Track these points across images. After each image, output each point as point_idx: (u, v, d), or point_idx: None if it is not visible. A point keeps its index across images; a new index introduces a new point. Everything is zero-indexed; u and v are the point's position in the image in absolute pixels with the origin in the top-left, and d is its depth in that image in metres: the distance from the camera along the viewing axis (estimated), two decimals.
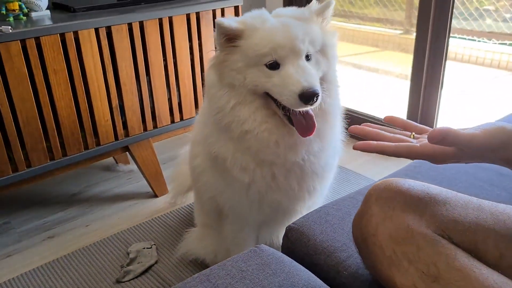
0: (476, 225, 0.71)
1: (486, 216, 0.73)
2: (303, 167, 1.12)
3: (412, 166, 1.20)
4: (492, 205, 0.76)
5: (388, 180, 0.79)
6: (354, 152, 0.75)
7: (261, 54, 0.99)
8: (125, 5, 1.84)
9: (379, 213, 0.74)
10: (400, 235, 0.71)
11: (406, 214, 0.72)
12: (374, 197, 0.76)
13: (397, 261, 0.70)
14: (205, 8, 1.88)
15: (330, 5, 1.08)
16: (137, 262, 1.60)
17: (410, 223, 0.71)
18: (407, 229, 0.70)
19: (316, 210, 1.01)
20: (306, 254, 0.93)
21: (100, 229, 1.82)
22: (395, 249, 0.71)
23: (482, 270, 0.66)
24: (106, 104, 1.74)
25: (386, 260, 0.72)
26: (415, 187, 0.76)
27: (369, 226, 0.74)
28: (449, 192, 0.78)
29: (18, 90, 1.52)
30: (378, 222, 0.73)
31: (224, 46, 1.02)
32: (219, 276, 0.81)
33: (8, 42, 1.45)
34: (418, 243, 0.69)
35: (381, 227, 0.73)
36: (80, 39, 1.60)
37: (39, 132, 1.61)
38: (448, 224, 0.71)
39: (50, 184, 2.16)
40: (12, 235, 1.81)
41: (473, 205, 0.75)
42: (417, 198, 0.74)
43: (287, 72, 0.98)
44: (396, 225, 0.71)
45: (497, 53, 3.70)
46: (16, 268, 1.63)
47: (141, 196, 2.04)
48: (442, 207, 0.73)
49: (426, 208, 0.73)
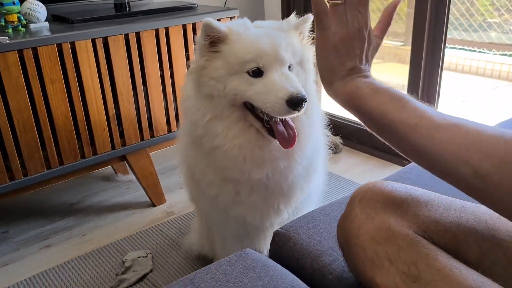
0: (457, 225, 0.72)
1: (468, 217, 0.74)
2: (267, 185, 1.11)
3: (402, 172, 1.20)
4: (475, 206, 0.77)
5: (371, 182, 0.80)
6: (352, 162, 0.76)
7: (245, 61, 0.98)
8: (122, 16, 1.87)
9: (361, 215, 0.74)
10: (382, 236, 0.71)
11: (388, 215, 0.73)
12: (357, 199, 0.77)
13: (378, 262, 0.71)
14: (201, 19, 1.85)
15: (308, 20, 1.07)
16: (132, 271, 1.60)
17: (391, 223, 0.72)
18: (388, 230, 0.71)
19: (304, 216, 1.02)
20: (292, 258, 0.93)
21: (97, 238, 1.83)
22: (376, 249, 0.71)
23: (462, 270, 0.66)
24: (103, 114, 1.76)
25: (368, 260, 0.72)
26: (398, 189, 0.77)
27: (352, 227, 0.75)
28: (432, 194, 0.78)
29: (15, 99, 1.54)
30: (361, 223, 0.74)
31: (206, 50, 1.00)
32: (203, 279, 0.82)
33: (5, 52, 1.48)
34: (399, 243, 0.70)
35: (363, 228, 0.73)
36: (77, 49, 1.63)
37: (36, 141, 1.63)
38: (429, 224, 0.72)
39: (49, 194, 2.17)
40: (9, 244, 1.82)
41: (455, 206, 0.76)
42: (399, 199, 0.74)
43: (271, 79, 0.97)
44: (377, 225, 0.72)
45: (498, 64, 3.70)
46: (12, 276, 1.63)
47: (138, 205, 2.05)
48: (424, 208, 0.74)
49: (408, 209, 0.73)
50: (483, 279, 0.66)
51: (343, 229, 0.78)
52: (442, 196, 0.78)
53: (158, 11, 1.94)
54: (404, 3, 3.52)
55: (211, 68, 1.00)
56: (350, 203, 0.78)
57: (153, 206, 2.03)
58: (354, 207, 0.77)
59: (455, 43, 3.87)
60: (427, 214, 0.72)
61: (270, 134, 1.03)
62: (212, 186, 1.13)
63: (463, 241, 0.71)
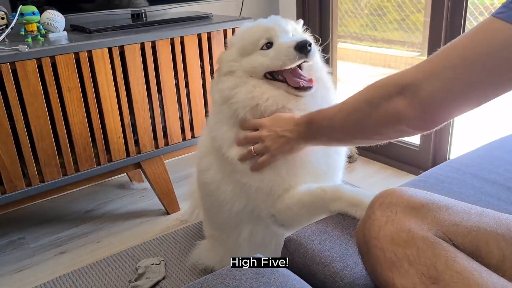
0: (478, 228, 0.72)
1: (489, 221, 0.74)
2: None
3: (417, 180, 1.19)
4: (495, 212, 0.78)
5: (391, 188, 0.81)
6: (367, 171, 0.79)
7: (256, 39, 1.15)
8: (139, 26, 1.90)
9: (381, 217, 0.75)
10: (402, 238, 0.71)
11: (408, 218, 0.73)
12: (377, 203, 0.78)
13: (397, 263, 0.71)
14: (216, 29, 1.92)
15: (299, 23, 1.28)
16: (145, 278, 1.61)
17: (411, 226, 0.72)
18: (408, 232, 0.71)
19: (316, 222, 1.01)
20: (303, 265, 0.92)
21: (111, 245, 1.84)
22: (395, 251, 0.71)
23: (482, 273, 0.65)
24: (118, 122, 1.78)
25: (387, 262, 0.72)
26: (418, 194, 0.78)
27: (372, 229, 0.76)
28: (452, 200, 0.79)
29: (33, 106, 1.57)
30: (381, 225, 0.74)
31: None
32: (213, 284, 0.81)
33: (24, 61, 1.51)
34: (419, 245, 0.70)
35: (383, 231, 0.74)
36: (94, 58, 1.65)
37: (52, 148, 1.65)
38: (450, 227, 0.72)
39: (65, 201, 2.20)
40: (25, 250, 1.84)
41: (476, 211, 0.76)
42: (420, 204, 0.75)
43: (279, 42, 1.13)
44: (397, 228, 0.73)
45: None
46: (27, 282, 1.65)
47: (153, 213, 2.06)
48: (445, 212, 0.74)
49: (428, 213, 0.74)
50: (503, 282, 0.65)
51: (363, 232, 0.78)
52: (461, 202, 0.79)
53: (174, 20, 1.97)
54: (421, 13, 3.50)
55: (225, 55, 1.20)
56: (370, 207, 0.79)
57: (167, 214, 2.04)
58: (374, 211, 0.77)
59: None
60: (447, 217, 0.73)
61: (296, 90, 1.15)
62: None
63: (484, 244, 0.70)
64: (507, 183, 1.13)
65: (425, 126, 0.81)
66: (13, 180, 1.61)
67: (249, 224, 1.30)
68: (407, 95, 0.78)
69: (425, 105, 0.76)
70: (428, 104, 0.76)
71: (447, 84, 0.73)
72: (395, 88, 0.80)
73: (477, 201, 1.07)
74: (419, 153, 2.23)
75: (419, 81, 0.76)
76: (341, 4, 3.15)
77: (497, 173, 1.17)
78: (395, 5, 3.62)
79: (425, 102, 0.76)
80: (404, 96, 0.79)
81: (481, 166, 1.21)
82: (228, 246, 1.43)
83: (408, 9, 3.63)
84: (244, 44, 1.17)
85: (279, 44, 1.13)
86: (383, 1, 3.62)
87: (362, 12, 3.70)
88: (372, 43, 4.15)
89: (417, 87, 0.76)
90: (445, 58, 0.74)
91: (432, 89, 0.74)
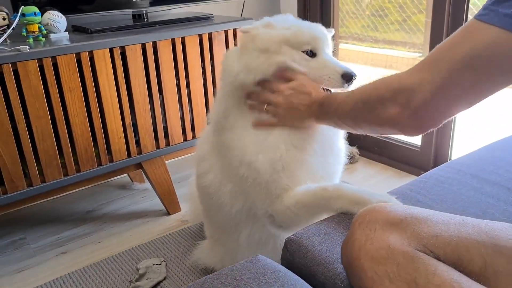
0: (458, 237, 0.72)
1: (468, 229, 0.74)
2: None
3: (417, 181, 1.19)
4: (474, 220, 0.78)
5: (371, 205, 0.83)
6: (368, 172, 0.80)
7: (302, 42, 1.14)
8: (140, 26, 1.90)
9: (361, 237, 0.76)
10: (381, 255, 0.72)
11: (387, 234, 0.74)
12: (357, 223, 0.80)
13: (379, 281, 0.71)
14: (217, 29, 1.92)
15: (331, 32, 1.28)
16: (146, 278, 1.61)
17: (391, 242, 0.73)
18: (388, 249, 0.72)
19: (316, 223, 1.01)
20: (304, 266, 0.92)
21: (112, 246, 1.84)
22: (376, 269, 0.72)
23: (463, 284, 0.66)
24: (119, 122, 1.78)
25: (369, 281, 0.73)
26: (396, 209, 0.79)
27: (353, 250, 0.77)
28: (431, 212, 0.80)
29: (34, 107, 1.57)
30: (361, 245, 0.76)
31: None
32: (213, 284, 0.81)
33: (26, 61, 1.52)
34: (399, 261, 0.70)
35: (363, 250, 0.75)
36: (95, 58, 1.66)
37: (54, 148, 1.65)
38: (430, 239, 0.72)
39: (66, 201, 2.20)
40: (26, 250, 1.84)
41: (455, 221, 0.77)
42: (398, 218, 0.76)
43: (325, 58, 1.16)
44: (377, 246, 0.73)
45: None
46: (28, 282, 1.65)
47: (154, 214, 2.06)
48: (423, 224, 0.75)
49: (407, 227, 0.74)
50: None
51: (345, 253, 0.80)
52: (441, 213, 0.80)
53: (175, 21, 1.97)
54: (422, 14, 3.50)
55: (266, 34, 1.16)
56: (351, 227, 0.81)
57: (168, 215, 2.04)
58: (354, 231, 0.79)
59: None
60: (427, 229, 0.74)
61: None
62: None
63: (465, 252, 0.71)
64: (507, 184, 1.13)
65: (418, 131, 0.83)
66: (14, 180, 1.62)
67: (248, 225, 1.31)
68: (399, 102, 0.80)
69: (418, 112, 0.78)
70: (420, 111, 0.78)
71: (438, 90, 0.74)
72: (388, 93, 0.83)
73: (478, 201, 1.07)
74: (420, 154, 2.23)
75: (410, 88, 0.77)
76: (342, 5, 3.15)
77: (498, 174, 1.17)
78: (397, 6, 3.62)
79: (418, 110, 0.77)
80: (396, 103, 0.81)
81: (481, 167, 1.21)
82: (228, 247, 1.43)
83: (410, 10, 3.63)
84: (289, 37, 1.14)
85: (324, 60, 1.15)
86: (384, 2, 3.62)
87: (363, 13, 3.69)
88: (374, 44, 4.14)
89: (409, 94, 0.78)
90: (434, 63, 0.75)
91: (423, 96, 0.75)
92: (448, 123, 2.10)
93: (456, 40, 0.72)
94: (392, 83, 0.82)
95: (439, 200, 1.07)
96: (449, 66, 0.72)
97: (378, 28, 4.04)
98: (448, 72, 0.72)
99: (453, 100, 0.74)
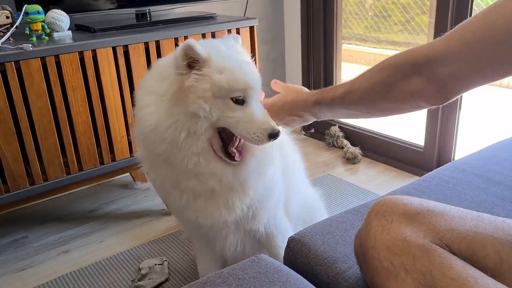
0: (474, 233, 0.72)
1: (485, 225, 0.74)
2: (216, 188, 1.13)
3: (421, 181, 1.18)
4: (491, 216, 0.78)
5: (388, 197, 0.82)
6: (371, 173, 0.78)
7: (234, 90, 1.01)
8: (143, 25, 1.90)
9: (377, 227, 0.76)
10: (397, 246, 0.72)
11: (403, 226, 0.74)
12: (373, 212, 0.79)
13: (394, 272, 0.71)
14: (220, 29, 1.92)
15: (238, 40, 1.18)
16: (148, 278, 1.60)
17: (407, 234, 0.72)
18: (404, 241, 0.72)
19: (319, 222, 1.00)
20: (307, 265, 0.91)
21: (114, 245, 1.84)
22: (392, 260, 0.71)
23: (478, 279, 0.65)
24: (122, 121, 1.78)
25: (384, 271, 0.72)
26: (413, 202, 0.78)
27: (368, 239, 0.76)
28: (447, 206, 0.79)
29: (37, 105, 1.57)
30: (377, 235, 0.75)
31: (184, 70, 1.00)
32: (215, 283, 0.81)
33: (29, 60, 1.52)
34: (415, 253, 0.70)
35: (379, 239, 0.74)
36: (98, 57, 1.66)
37: (56, 146, 1.65)
38: (446, 233, 0.72)
39: (68, 201, 2.20)
40: (28, 249, 1.84)
41: (471, 216, 0.76)
42: (415, 211, 0.76)
43: (253, 110, 1.05)
44: (393, 236, 0.73)
45: None
46: (30, 281, 1.65)
47: (155, 213, 2.06)
48: (440, 218, 0.74)
49: (423, 220, 0.74)
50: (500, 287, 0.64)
51: (360, 242, 0.79)
52: (457, 207, 0.79)
53: (178, 20, 1.97)
54: (426, 15, 3.49)
55: (199, 88, 1.00)
56: (367, 217, 0.80)
57: (170, 214, 2.03)
58: (370, 220, 0.78)
59: None
60: (443, 223, 0.73)
61: (226, 156, 1.08)
62: (162, 192, 1.20)
63: (481, 248, 0.70)
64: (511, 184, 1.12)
65: (442, 100, 0.80)
66: (16, 179, 1.61)
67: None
68: (423, 74, 0.78)
69: (442, 83, 0.76)
70: (445, 82, 0.76)
71: (464, 64, 0.72)
72: (411, 67, 0.80)
73: (482, 201, 1.06)
74: (423, 154, 2.22)
75: (435, 60, 0.76)
76: (345, 6, 3.14)
77: (503, 174, 1.16)
78: (400, 7, 3.61)
79: (443, 81, 0.75)
80: (420, 75, 0.78)
81: (486, 167, 1.20)
82: None
83: (413, 11, 3.62)
84: (220, 86, 1.00)
85: (252, 112, 1.04)
86: (388, 3, 3.61)
87: (366, 14, 3.69)
88: (376, 45, 4.14)
89: (433, 66, 0.76)
90: (460, 38, 0.73)
91: (449, 68, 0.73)
92: (451, 123, 2.10)
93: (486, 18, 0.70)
94: (415, 57, 0.80)
95: (443, 199, 1.06)
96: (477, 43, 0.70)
97: (381, 29, 4.04)
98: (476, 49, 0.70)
99: (479, 74, 0.73)
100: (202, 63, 0.99)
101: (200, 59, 0.99)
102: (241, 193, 1.16)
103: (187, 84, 0.99)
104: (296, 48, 2.79)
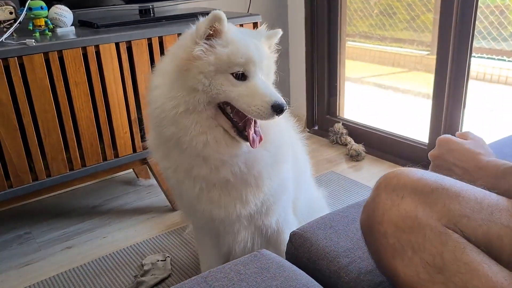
0: (489, 222, 0.68)
1: (501, 214, 0.69)
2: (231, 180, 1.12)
3: None
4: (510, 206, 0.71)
5: (400, 168, 0.76)
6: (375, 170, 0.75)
7: (234, 64, 1.01)
8: (146, 21, 1.90)
9: (386, 201, 0.71)
10: (407, 224, 0.68)
11: (415, 203, 0.69)
12: (383, 184, 0.74)
13: (401, 250, 0.68)
14: None
15: (278, 34, 1.17)
16: (150, 274, 1.60)
17: (419, 214, 0.68)
18: (415, 219, 0.68)
19: (321, 217, 1.00)
20: (308, 259, 0.91)
21: (117, 241, 1.84)
22: (399, 237, 0.68)
23: (492, 266, 0.63)
24: (125, 117, 1.78)
25: (390, 248, 0.69)
26: (427, 177, 0.72)
27: (376, 214, 0.72)
28: (464, 185, 0.73)
29: (40, 101, 1.57)
30: (385, 209, 0.71)
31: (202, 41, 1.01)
32: (217, 278, 0.80)
33: (32, 55, 1.52)
34: (426, 234, 0.67)
35: (387, 215, 0.70)
36: (101, 53, 1.65)
37: (59, 142, 1.65)
38: (461, 218, 0.68)
39: (71, 196, 2.20)
40: (32, 245, 1.85)
41: (489, 201, 0.71)
42: (429, 188, 0.70)
43: (256, 85, 1.03)
44: (403, 213, 0.69)
45: None
46: (33, 276, 1.66)
47: (159, 209, 2.06)
48: (455, 200, 0.69)
49: (437, 200, 0.69)
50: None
51: (367, 214, 0.74)
52: (476, 188, 0.73)
53: (182, 16, 1.96)
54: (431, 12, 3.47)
55: (204, 62, 1.00)
56: (376, 188, 0.74)
57: (173, 211, 2.03)
58: (379, 193, 0.73)
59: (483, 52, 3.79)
60: (458, 207, 0.68)
61: (240, 135, 1.06)
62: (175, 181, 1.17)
63: (496, 239, 0.67)
64: None
65: None
66: (19, 175, 1.62)
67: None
68: None
69: None
70: None
71: None
72: None
73: None
74: (427, 151, 2.20)
75: None
76: (350, 3, 3.13)
77: None
78: (405, 5, 3.59)
79: None
80: None
81: None
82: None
83: (418, 9, 3.60)
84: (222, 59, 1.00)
85: (255, 86, 1.03)
86: (393, 1, 3.59)
87: (371, 11, 3.67)
88: (381, 42, 4.12)
89: None
90: None
91: None
92: (455, 120, 2.09)
93: None
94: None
95: None
96: None
97: (386, 26, 4.02)
98: None
99: None
100: (217, 35, 1.01)
101: (222, 32, 1.01)
102: (255, 188, 1.16)
103: (195, 53, 1.00)
104: (300, 45, 2.78)
